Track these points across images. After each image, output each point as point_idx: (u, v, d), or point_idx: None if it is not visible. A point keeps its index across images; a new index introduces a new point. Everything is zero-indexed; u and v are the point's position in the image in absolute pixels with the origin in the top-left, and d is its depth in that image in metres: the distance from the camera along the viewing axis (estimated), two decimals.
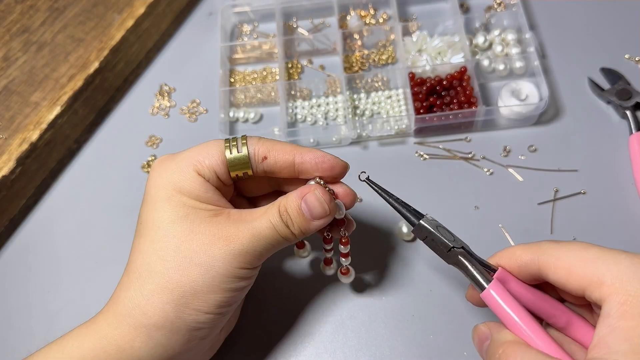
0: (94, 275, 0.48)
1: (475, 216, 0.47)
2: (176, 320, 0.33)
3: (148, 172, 0.52)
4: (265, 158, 0.35)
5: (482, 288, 0.32)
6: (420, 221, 0.34)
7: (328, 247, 0.40)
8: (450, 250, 0.33)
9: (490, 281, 0.32)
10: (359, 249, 0.42)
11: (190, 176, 0.35)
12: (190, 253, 0.33)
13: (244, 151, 0.35)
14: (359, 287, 0.45)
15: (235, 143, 0.35)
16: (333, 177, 0.36)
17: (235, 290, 0.34)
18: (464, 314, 0.43)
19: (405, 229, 0.46)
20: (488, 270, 0.33)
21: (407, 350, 0.42)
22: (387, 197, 0.35)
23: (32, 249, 0.49)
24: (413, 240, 0.46)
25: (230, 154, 0.35)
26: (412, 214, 0.35)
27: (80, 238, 0.49)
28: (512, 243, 0.45)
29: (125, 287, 0.34)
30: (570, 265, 0.30)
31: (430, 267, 0.45)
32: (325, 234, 0.38)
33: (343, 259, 0.40)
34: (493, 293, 0.31)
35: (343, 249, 0.39)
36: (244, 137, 0.36)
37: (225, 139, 0.36)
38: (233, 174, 0.36)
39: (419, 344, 0.42)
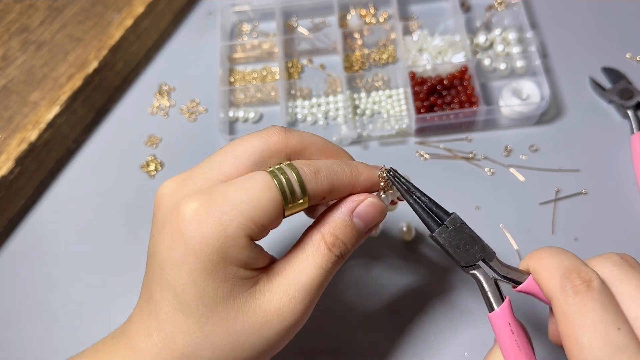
0: (93, 275, 0.47)
1: (476, 216, 0.47)
2: None
3: (147, 172, 0.52)
4: (324, 198, 0.31)
5: (491, 309, 0.30)
6: (434, 233, 0.31)
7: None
8: (464, 267, 0.31)
9: (502, 302, 0.29)
10: (359, 248, 0.42)
11: (242, 243, 0.28)
12: (242, 337, 0.29)
13: (304, 200, 0.30)
14: (358, 287, 0.44)
15: (293, 195, 0.29)
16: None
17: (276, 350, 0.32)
18: (465, 314, 0.43)
19: (405, 229, 0.46)
20: (514, 283, 0.30)
21: (407, 350, 0.42)
22: (408, 196, 0.31)
23: (31, 249, 0.49)
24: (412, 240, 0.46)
25: (289, 205, 0.29)
26: (432, 219, 0.31)
27: (79, 238, 0.49)
28: (513, 243, 0.45)
29: (142, 332, 0.30)
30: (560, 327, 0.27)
31: (431, 266, 0.45)
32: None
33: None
34: (496, 317, 0.29)
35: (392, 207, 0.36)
36: (303, 187, 0.29)
37: (273, 175, 0.29)
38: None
39: (419, 344, 0.42)
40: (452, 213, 0.31)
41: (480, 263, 0.30)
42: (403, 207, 0.36)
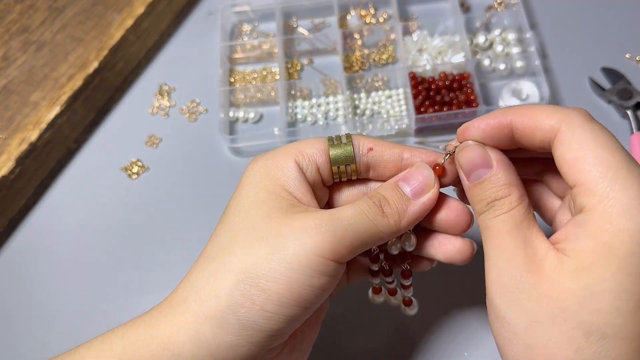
0: (93, 275, 0.47)
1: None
2: (227, 310, 0.28)
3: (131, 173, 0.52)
4: (371, 149, 0.33)
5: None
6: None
7: (389, 280, 0.37)
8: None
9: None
10: None
11: (286, 163, 0.32)
12: (263, 233, 0.29)
13: (348, 142, 0.33)
14: (358, 288, 0.44)
15: (339, 138, 0.33)
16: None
17: (304, 287, 0.28)
18: (465, 314, 0.43)
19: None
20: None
21: (407, 350, 0.42)
22: None
23: (31, 249, 0.49)
24: None
25: (334, 144, 0.33)
26: None
27: (79, 238, 0.49)
28: None
29: (189, 272, 0.31)
30: (573, 159, 0.28)
31: (431, 267, 0.45)
32: (383, 264, 0.36)
33: (405, 291, 0.38)
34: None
35: (405, 281, 0.37)
36: (348, 135, 0.33)
37: (328, 137, 0.33)
38: (334, 168, 0.33)
39: (419, 344, 0.42)
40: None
41: None
42: None
